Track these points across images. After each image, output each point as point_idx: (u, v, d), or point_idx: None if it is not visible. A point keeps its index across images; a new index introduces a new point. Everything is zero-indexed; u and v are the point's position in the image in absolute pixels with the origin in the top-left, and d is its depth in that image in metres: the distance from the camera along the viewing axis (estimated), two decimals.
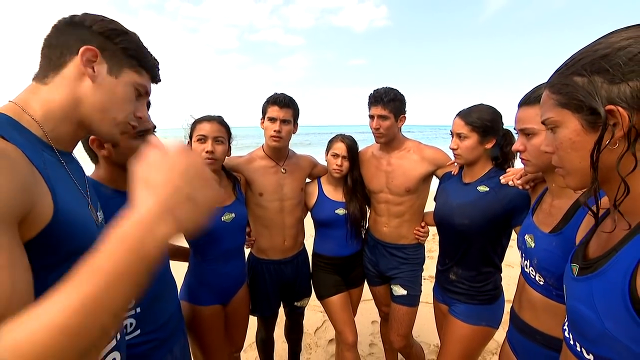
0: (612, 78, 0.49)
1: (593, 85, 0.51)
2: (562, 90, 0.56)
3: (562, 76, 0.57)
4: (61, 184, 0.59)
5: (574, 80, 0.54)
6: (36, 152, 0.56)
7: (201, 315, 1.39)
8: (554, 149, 0.60)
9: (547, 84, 0.60)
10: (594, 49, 0.52)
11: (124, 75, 0.68)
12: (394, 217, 1.68)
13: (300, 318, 1.95)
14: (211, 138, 1.35)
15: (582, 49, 0.55)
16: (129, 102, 0.71)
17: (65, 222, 0.56)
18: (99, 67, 0.65)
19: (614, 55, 0.49)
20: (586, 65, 0.52)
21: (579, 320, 0.58)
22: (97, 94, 0.65)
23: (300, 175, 1.73)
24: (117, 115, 0.69)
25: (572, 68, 0.55)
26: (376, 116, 1.56)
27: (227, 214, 1.42)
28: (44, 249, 0.53)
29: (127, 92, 0.70)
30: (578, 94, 0.53)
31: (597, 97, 0.50)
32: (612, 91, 0.49)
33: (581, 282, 0.59)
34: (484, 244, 1.32)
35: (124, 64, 0.68)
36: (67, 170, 0.65)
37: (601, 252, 0.57)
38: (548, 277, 0.92)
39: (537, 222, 1.00)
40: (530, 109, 0.95)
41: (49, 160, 0.59)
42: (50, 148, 0.62)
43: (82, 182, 0.70)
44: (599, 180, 0.54)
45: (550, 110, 0.59)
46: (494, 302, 1.36)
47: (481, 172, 1.35)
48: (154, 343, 1.01)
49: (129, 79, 0.70)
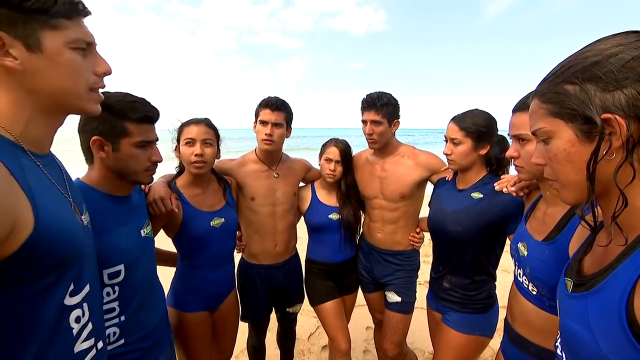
0: (606, 86, 0.47)
1: (586, 93, 0.49)
2: (553, 99, 0.54)
3: (552, 84, 0.54)
4: (41, 190, 0.57)
5: (565, 88, 0.52)
6: (14, 160, 0.54)
7: (188, 322, 1.35)
8: (546, 161, 0.57)
9: (536, 93, 0.58)
10: (583, 56, 0.50)
11: (46, 42, 0.55)
12: (389, 223, 1.65)
13: (292, 324, 1.92)
14: (200, 141, 1.31)
15: (570, 56, 0.53)
16: (78, 69, 0.60)
17: (47, 232, 0.54)
18: (16, 51, 0.53)
19: (606, 63, 0.47)
20: (577, 73, 0.50)
21: (572, 339, 0.56)
22: (40, 80, 0.57)
23: (293, 180, 1.71)
24: (78, 89, 0.60)
25: (562, 76, 0.52)
26: (369, 121, 1.53)
27: (216, 218, 1.39)
28: (28, 262, 0.52)
29: (66, 60, 0.58)
30: (571, 103, 0.51)
31: (591, 106, 0.48)
32: (607, 99, 0.47)
33: (575, 299, 0.56)
34: (478, 251, 1.29)
35: (36, 28, 0.54)
36: (45, 173, 0.62)
37: (597, 269, 0.55)
38: (541, 287, 0.90)
39: (530, 230, 0.98)
40: (524, 115, 0.93)
41: (27, 166, 0.57)
42: (26, 152, 0.59)
43: (62, 184, 0.67)
44: (595, 193, 0.51)
45: (541, 120, 0.56)
46: (487, 311, 1.33)
47: (475, 178, 1.33)
48: (139, 353, 0.98)
49: (56, 43, 0.56)
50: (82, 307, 0.64)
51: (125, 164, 0.94)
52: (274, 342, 2.06)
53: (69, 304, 0.60)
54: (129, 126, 0.92)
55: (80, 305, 0.63)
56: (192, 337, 1.36)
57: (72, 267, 0.61)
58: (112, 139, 0.91)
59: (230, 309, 1.53)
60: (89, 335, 0.66)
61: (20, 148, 0.58)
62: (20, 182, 0.52)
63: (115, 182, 0.97)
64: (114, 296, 0.92)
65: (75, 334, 0.62)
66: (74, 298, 0.61)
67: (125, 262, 0.93)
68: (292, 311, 1.80)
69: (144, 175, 0.99)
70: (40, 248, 0.52)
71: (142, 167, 0.97)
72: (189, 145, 1.32)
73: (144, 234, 1.04)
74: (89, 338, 0.66)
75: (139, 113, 0.93)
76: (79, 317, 0.63)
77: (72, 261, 0.60)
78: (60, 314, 0.59)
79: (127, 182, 0.99)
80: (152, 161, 0.99)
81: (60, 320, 0.58)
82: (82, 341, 0.64)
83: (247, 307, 1.69)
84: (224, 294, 1.49)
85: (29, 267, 0.52)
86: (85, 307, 0.65)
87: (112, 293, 0.91)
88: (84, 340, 0.64)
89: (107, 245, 0.89)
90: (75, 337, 0.62)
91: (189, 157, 1.31)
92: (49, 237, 0.54)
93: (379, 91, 1.55)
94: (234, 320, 1.58)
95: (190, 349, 1.36)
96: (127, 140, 0.92)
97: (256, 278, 1.66)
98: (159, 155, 1.01)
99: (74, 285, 0.61)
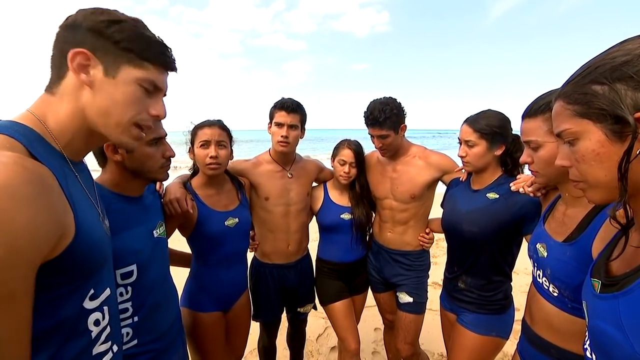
0: (637, 85, 0.47)
1: (617, 92, 0.49)
2: (580, 100, 0.54)
3: (578, 85, 0.54)
4: (79, 200, 0.59)
5: (593, 89, 0.52)
6: (60, 170, 0.56)
7: (201, 322, 1.36)
8: (572, 163, 0.57)
9: (560, 95, 0.58)
10: (611, 56, 0.50)
11: (122, 73, 0.61)
12: (399, 223, 1.65)
13: (302, 325, 1.92)
14: (214, 143, 1.33)
15: (596, 57, 0.53)
16: (132, 103, 0.64)
17: (83, 241, 0.55)
18: (94, 71, 0.60)
19: (637, 62, 0.47)
20: (606, 73, 0.50)
21: (604, 341, 0.55)
22: (97, 99, 0.61)
23: (307, 180, 1.72)
24: (121, 119, 0.64)
25: (589, 77, 0.52)
26: (376, 136, 1.54)
27: (230, 218, 1.40)
28: (60, 269, 0.53)
29: (128, 92, 0.63)
30: (600, 103, 0.51)
31: (622, 105, 0.48)
32: (639, 98, 0.47)
33: (605, 300, 0.56)
34: (494, 252, 1.28)
35: (121, 60, 0.61)
36: (81, 183, 0.63)
37: (628, 269, 0.55)
38: (563, 289, 0.89)
39: (549, 231, 0.97)
40: (532, 122, 0.94)
41: (69, 175, 0.59)
42: (67, 161, 0.61)
43: (92, 193, 0.68)
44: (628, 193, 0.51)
45: (566, 122, 0.56)
46: (504, 312, 1.32)
47: (490, 178, 1.32)
48: (152, 354, 0.98)
49: (129, 77, 0.62)
50: (102, 311, 0.65)
51: (141, 164, 0.94)
52: (283, 343, 2.06)
53: (88, 307, 0.61)
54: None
55: (100, 308, 0.64)
56: (206, 337, 1.36)
57: (95, 274, 0.62)
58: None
59: (243, 309, 1.53)
60: (107, 339, 0.66)
61: (63, 157, 0.60)
62: (65, 193, 0.54)
63: (129, 182, 0.97)
64: (127, 296, 0.91)
65: (94, 337, 0.62)
66: (93, 302, 0.62)
67: (137, 262, 0.93)
68: (303, 311, 1.80)
69: (159, 172, 1.00)
70: (75, 256, 0.54)
71: (157, 165, 0.98)
72: (204, 147, 1.33)
73: (156, 235, 1.04)
74: (107, 341, 0.66)
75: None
76: (98, 320, 0.63)
77: (98, 269, 0.62)
78: (79, 317, 0.59)
79: (142, 180, 1.00)
80: (166, 157, 0.99)
81: (78, 322, 0.59)
82: (101, 344, 0.64)
83: (258, 307, 1.69)
84: (237, 295, 1.49)
85: (59, 273, 0.53)
86: (105, 310, 0.65)
87: (125, 293, 0.91)
88: (102, 343, 0.65)
89: (120, 245, 0.88)
90: (94, 340, 0.63)
91: (203, 159, 1.32)
92: (84, 246, 0.56)
93: (380, 102, 1.50)
94: (246, 321, 1.59)
95: (204, 350, 1.36)
96: None
97: (268, 277, 1.67)
98: (171, 151, 1.01)
99: (94, 290, 0.62)
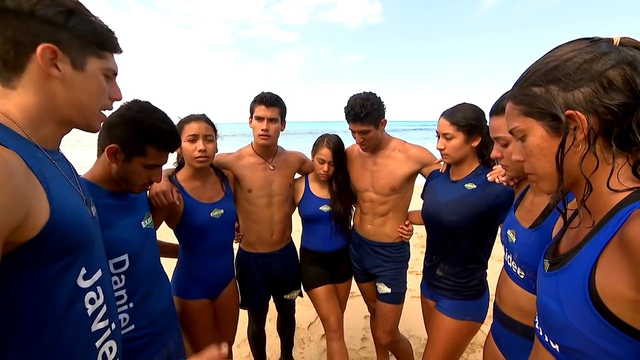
0: (565, 86, 0.54)
1: (550, 93, 0.55)
2: (524, 100, 0.60)
3: (521, 88, 0.61)
4: (55, 182, 0.61)
5: (533, 90, 0.58)
6: (30, 153, 0.58)
7: (189, 309, 1.41)
8: (524, 157, 0.63)
9: (509, 96, 0.64)
10: (545, 62, 0.57)
11: (89, 64, 0.65)
12: (379, 215, 1.69)
13: (291, 311, 1.98)
14: (202, 137, 1.36)
15: (535, 62, 0.59)
16: (102, 92, 0.69)
17: (62, 219, 0.58)
18: (62, 66, 0.61)
19: (563, 66, 0.54)
20: (541, 77, 0.57)
21: (546, 313, 0.61)
22: (70, 92, 0.64)
23: (289, 172, 1.75)
24: (94, 109, 0.69)
25: (530, 80, 0.59)
26: (357, 132, 1.56)
27: (215, 209, 1.43)
28: (44, 246, 0.56)
29: (97, 82, 0.67)
30: (539, 103, 0.57)
31: (556, 104, 0.54)
32: (568, 98, 0.53)
33: (550, 277, 0.62)
34: (471, 240, 1.33)
35: (86, 52, 0.65)
36: (57, 167, 0.66)
37: (568, 249, 0.60)
38: (527, 271, 0.94)
39: (518, 218, 1.02)
40: (499, 119, 0.99)
41: (41, 160, 0.61)
42: (39, 148, 0.63)
43: (72, 178, 0.71)
44: (566, 183, 0.57)
45: (515, 120, 0.62)
46: (479, 297, 1.38)
47: (468, 170, 1.36)
48: (149, 337, 1.03)
49: (96, 68, 0.66)
50: (97, 290, 0.69)
51: (127, 176, 0.99)
52: (275, 332, 2.12)
53: (83, 286, 0.65)
54: (149, 149, 0.98)
55: (94, 288, 0.68)
56: (194, 323, 1.41)
57: (82, 253, 0.65)
58: (128, 153, 0.96)
59: (230, 296, 1.58)
60: (104, 316, 0.71)
61: (33, 144, 0.62)
62: (36, 173, 0.56)
63: (117, 183, 1.02)
64: (121, 284, 0.96)
65: (90, 314, 0.66)
66: (87, 281, 0.66)
67: (128, 252, 0.98)
68: (289, 297, 1.85)
69: (138, 188, 1.05)
70: (55, 233, 0.56)
71: (140, 183, 1.02)
72: (192, 141, 1.36)
73: (144, 225, 1.09)
74: (105, 319, 0.71)
75: (164, 143, 1.00)
76: (93, 299, 0.67)
77: (83, 247, 0.65)
78: (75, 294, 0.63)
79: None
80: (151, 180, 1.05)
81: (74, 300, 0.63)
82: (99, 321, 0.69)
83: (245, 295, 1.74)
84: (224, 283, 1.54)
85: (45, 250, 0.56)
86: (99, 290, 0.69)
87: (119, 282, 0.96)
88: (100, 321, 0.69)
89: (110, 238, 0.92)
90: (91, 317, 0.67)
91: (192, 153, 1.36)
92: (63, 223, 0.58)
93: (361, 96, 1.52)
94: (234, 308, 1.64)
95: (192, 335, 1.41)
96: (140, 159, 0.98)
97: (253, 266, 1.72)
98: (159, 177, 1.06)
99: (85, 270, 0.66)
